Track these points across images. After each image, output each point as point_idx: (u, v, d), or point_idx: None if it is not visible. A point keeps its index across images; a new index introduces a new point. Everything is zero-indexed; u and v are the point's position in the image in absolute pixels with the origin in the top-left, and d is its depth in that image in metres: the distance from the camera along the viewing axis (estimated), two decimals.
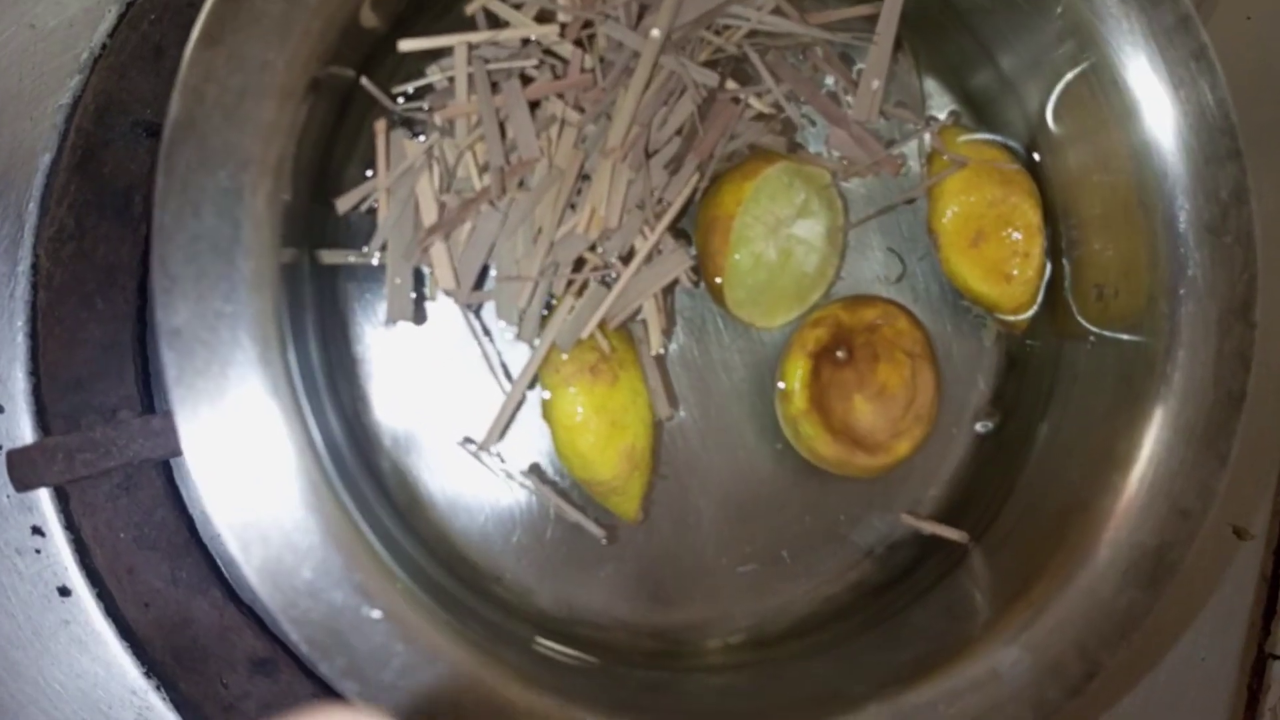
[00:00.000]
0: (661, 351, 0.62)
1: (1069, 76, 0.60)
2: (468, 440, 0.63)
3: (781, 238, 0.63)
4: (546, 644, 0.60)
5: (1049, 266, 0.66)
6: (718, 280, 0.63)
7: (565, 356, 0.60)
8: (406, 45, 0.58)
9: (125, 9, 0.66)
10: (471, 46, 0.59)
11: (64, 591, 0.63)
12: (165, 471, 0.64)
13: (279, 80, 0.48)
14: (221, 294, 0.47)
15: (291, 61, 0.48)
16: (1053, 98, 0.62)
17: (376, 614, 0.48)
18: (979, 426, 0.68)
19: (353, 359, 0.63)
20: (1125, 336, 0.59)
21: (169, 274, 0.46)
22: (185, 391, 0.47)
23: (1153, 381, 0.57)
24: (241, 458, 0.47)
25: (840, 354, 0.65)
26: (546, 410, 0.62)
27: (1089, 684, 0.56)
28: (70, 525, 0.63)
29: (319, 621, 0.47)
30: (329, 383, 0.61)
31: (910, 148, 0.68)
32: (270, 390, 0.48)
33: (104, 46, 0.66)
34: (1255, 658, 0.83)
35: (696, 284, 0.64)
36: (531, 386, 0.63)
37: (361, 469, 0.61)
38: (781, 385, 0.64)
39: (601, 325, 0.60)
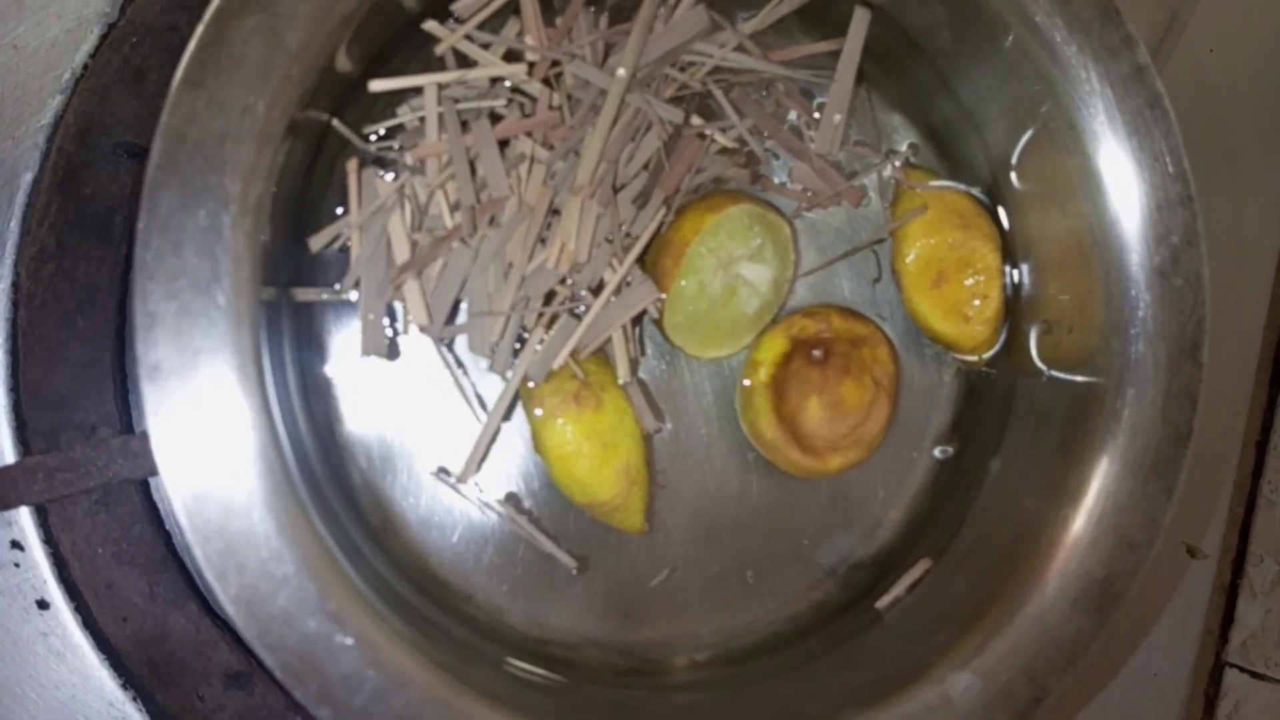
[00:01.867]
0: (629, 380, 0.63)
1: (1031, 131, 0.62)
2: (443, 471, 0.65)
3: (730, 275, 0.65)
4: (517, 664, 0.61)
5: (1008, 309, 0.68)
6: (661, 299, 0.64)
7: (533, 385, 0.62)
8: (377, 86, 0.59)
9: (107, 31, 0.67)
10: (441, 86, 0.60)
11: (42, 604, 0.64)
12: (143, 489, 0.65)
13: (259, 124, 0.49)
14: (201, 330, 0.48)
15: (271, 105, 0.49)
16: (1018, 148, 0.63)
17: (349, 640, 0.49)
18: (938, 452, 0.70)
19: (328, 384, 0.64)
20: (1079, 378, 0.61)
21: (149, 311, 0.47)
22: (164, 425, 0.48)
23: (1103, 418, 0.59)
24: (219, 489, 0.49)
25: (816, 353, 0.67)
26: (538, 443, 0.63)
27: (1036, 708, 0.58)
28: (49, 540, 0.64)
29: (293, 648, 0.49)
30: (305, 407, 0.62)
31: (872, 180, 0.69)
32: (249, 424, 0.49)
33: (85, 68, 0.66)
34: (1213, 665, 0.86)
35: (661, 315, 0.65)
36: (507, 418, 0.65)
37: (336, 490, 0.62)
38: (754, 354, 0.66)
39: (574, 355, 0.62)
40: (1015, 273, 0.68)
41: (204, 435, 0.48)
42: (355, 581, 0.51)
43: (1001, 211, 0.68)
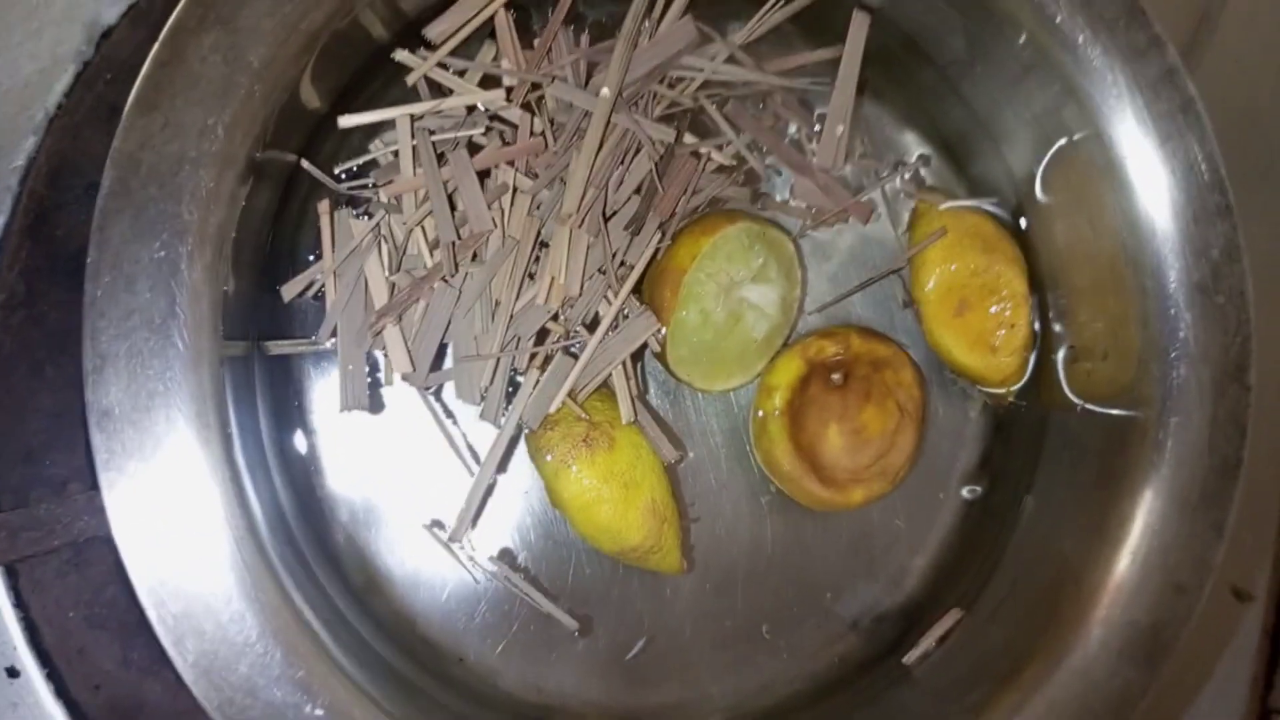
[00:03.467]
0: (633, 419, 0.59)
1: (1056, 143, 0.58)
2: (436, 525, 0.61)
3: (733, 299, 0.61)
4: None
5: (1038, 337, 0.64)
6: (661, 333, 0.60)
7: (531, 431, 0.58)
8: (347, 121, 0.56)
9: (82, 69, 0.64)
10: (414, 118, 0.57)
11: (12, 673, 0.61)
12: (114, 547, 0.61)
13: (219, 147, 0.46)
14: (155, 372, 0.45)
15: (232, 127, 0.46)
16: (1043, 162, 0.60)
17: (319, 712, 0.45)
18: (966, 492, 0.66)
19: (308, 436, 0.61)
20: (1115, 412, 0.57)
21: (99, 352, 0.44)
22: (115, 476, 0.44)
23: (1145, 449, 0.55)
24: (175, 545, 0.45)
25: (835, 377, 0.62)
26: (554, 497, 0.59)
27: None
28: (19, 603, 0.61)
29: None
30: (280, 459, 0.58)
31: (884, 198, 0.65)
32: (208, 474, 0.45)
33: (60, 107, 0.64)
34: (1259, 713, 0.80)
35: (664, 348, 0.61)
36: (502, 470, 0.61)
37: (314, 547, 0.58)
38: (768, 378, 0.62)
39: (573, 395, 0.58)
40: (1043, 299, 0.63)
41: (159, 488, 0.45)
42: (328, 645, 0.47)
43: (1027, 233, 0.64)
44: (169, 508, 0.45)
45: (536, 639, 0.61)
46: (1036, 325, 0.64)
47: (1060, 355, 0.62)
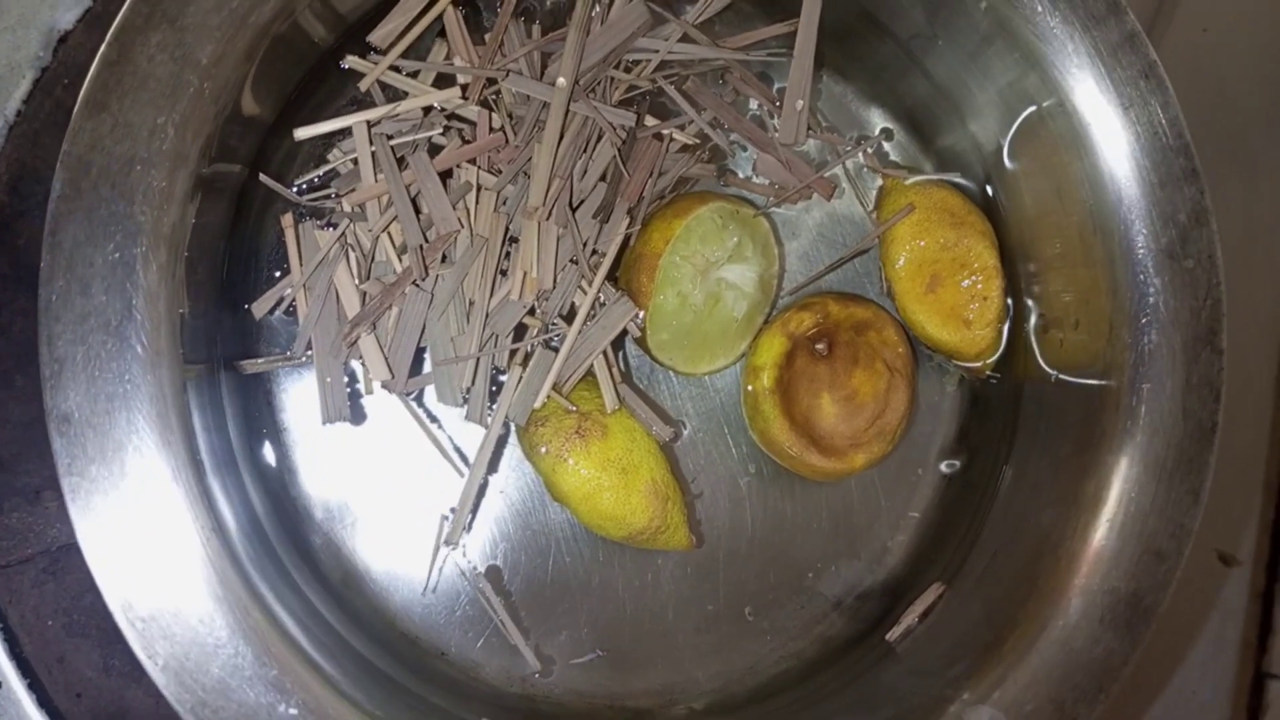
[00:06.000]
0: (617, 406, 0.59)
1: (1020, 114, 0.57)
2: (422, 525, 0.60)
3: (710, 281, 0.60)
4: None
5: (1010, 308, 0.63)
6: (640, 318, 0.60)
7: (519, 428, 0.58)
8: (303, 133, 0.55)
9: (40, 75, 0.64)
10: (371, 124, 0.56)
11: None
12: None
13: (170, 145, 0.45)
14: (114, 375, 0.44)
15: (182, 125, 0.46)
16: (1009, 134, 0.59)
17: (293, 711, 0.44)
18: (944, 467, 0.65)
19: (279, 436, 0.60)
20: (1089, 381, 0.56)
21: (56, 356, 0.44)
22: (78, 480, 0.44)
23: (1119, 416, 0.54)
24: (142, 548, 0.44)
25: (820, 347, 0.62)
26: (555, 491, 0.59)
27: None
28: None
29: None
30: (249, 460, 0.58)
31: (850, 175, 0.65)
32: (171, 475, 0.45)
33: (18, 114, 0.63)
34: (1253, 677, 0.80)
35: (644, 334, 0.61)
36: (493, 469, 0.61)
37: (288, 545, 0.58)
38: (753, 358, 0.61)
39: (557, 388, 0.58)
40: (1014, 271, 0.63)
41: (122, 490, 0.44)
42: (302, 644, 0.47)
43: (996, 205, 0.63)
44: (133, 510, 0.44)
45: (519, 629, 0.61)
46: (1009, 298, 0.63)
47: (1032, 326, 0.62)
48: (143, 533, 0.44)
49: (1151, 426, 0.54)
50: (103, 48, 0.45)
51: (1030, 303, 0.62)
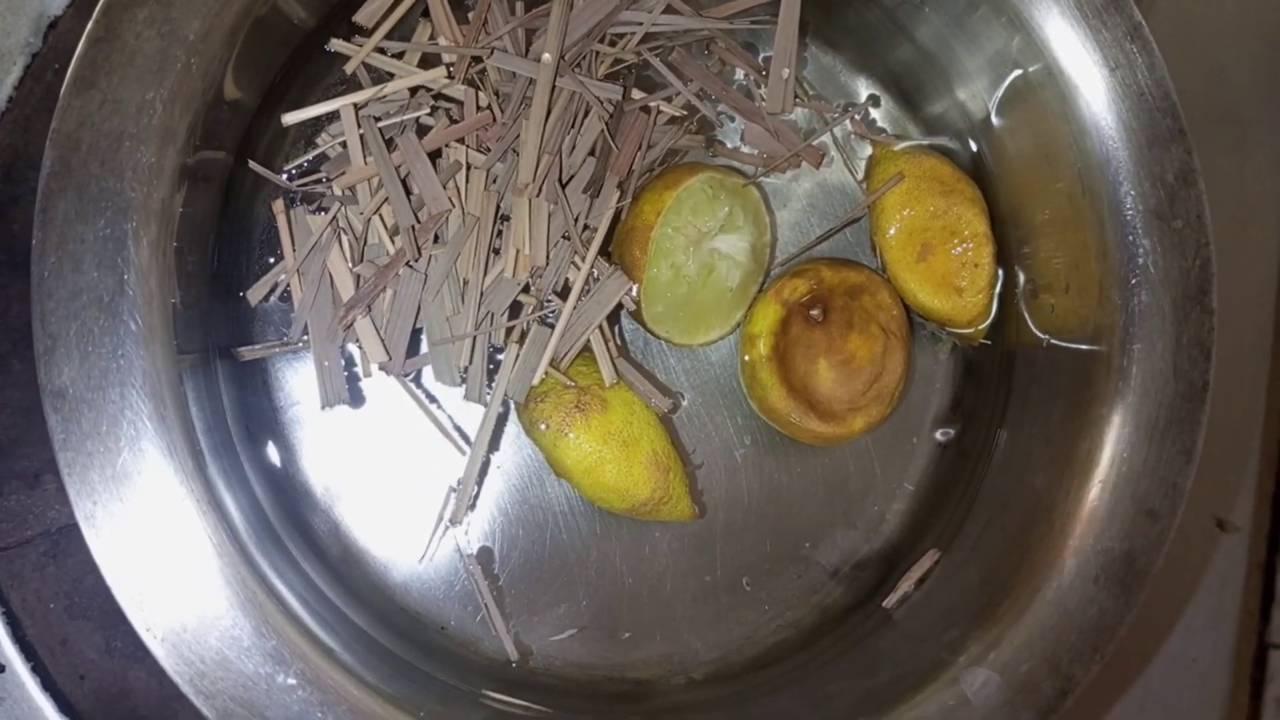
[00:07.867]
0: (615, 380, 0.59)
1: (1006, 78, 0.57)
2: (449, 522, 0.60)
3: (704, 251, 0.61)
4: (496, 696, 0.57)
5: (1000, 275, 0.63)
6: (635, 292, 0.60)
7: (519, 404, 0.58)
8: (290, 118, 0.55)
9: (30, 60, 0.64)
10: (358, 106, 0.56)
11: None
12: None
13: (159, 121, 0.46)
14: (107, 350, 0.44)
15: (170, 101, 0.46)
16: (995, 98, 0.59)
17: (291, 681, 0.45)
18: (939, 435, 0.66)
19: (278, 418, 0.60)
20: (1080, 346, 0.56)
21: (50, 333, 0.44)
22: (73, 455, 0.44)
23: (1110, 377, 0.55)
24: (139, 522, 0.45)
25: (814, 313, 0.62)
26: (557, 466, 0.59)
27: (1064, 702, 0.53)
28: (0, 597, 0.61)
29: (230, 693, 0.44)
30: (248, 441, 0.58)
31: (839, 143, 0.65)
32: (166, 450, 0.45)
33: (10, 100, 0.64)
34: (1256, 648, 0.80)
35: (639, 307, 0.61)
36: (495, 447, 0.61)
37: (287, 523, 0.58)
38: (748, 327, 0.62)
39: (555, 364, 0.58)
40: (1005, 237, 0.63)
41: (117, 465, 0.45)
42: (300, 616, 0.47)
43: (985, 172, 0.63)
44: (129, 484, 0.45)
45: (519, 603, 0.61)
46: (999, 265, 0.63)
47: (1022, 291, 0.62)
48: (139, 506, 0.45)
49: (1143, 387, 0.54)
50: (90, 24, 0.46)
51: (1021, 269, 0.62)
